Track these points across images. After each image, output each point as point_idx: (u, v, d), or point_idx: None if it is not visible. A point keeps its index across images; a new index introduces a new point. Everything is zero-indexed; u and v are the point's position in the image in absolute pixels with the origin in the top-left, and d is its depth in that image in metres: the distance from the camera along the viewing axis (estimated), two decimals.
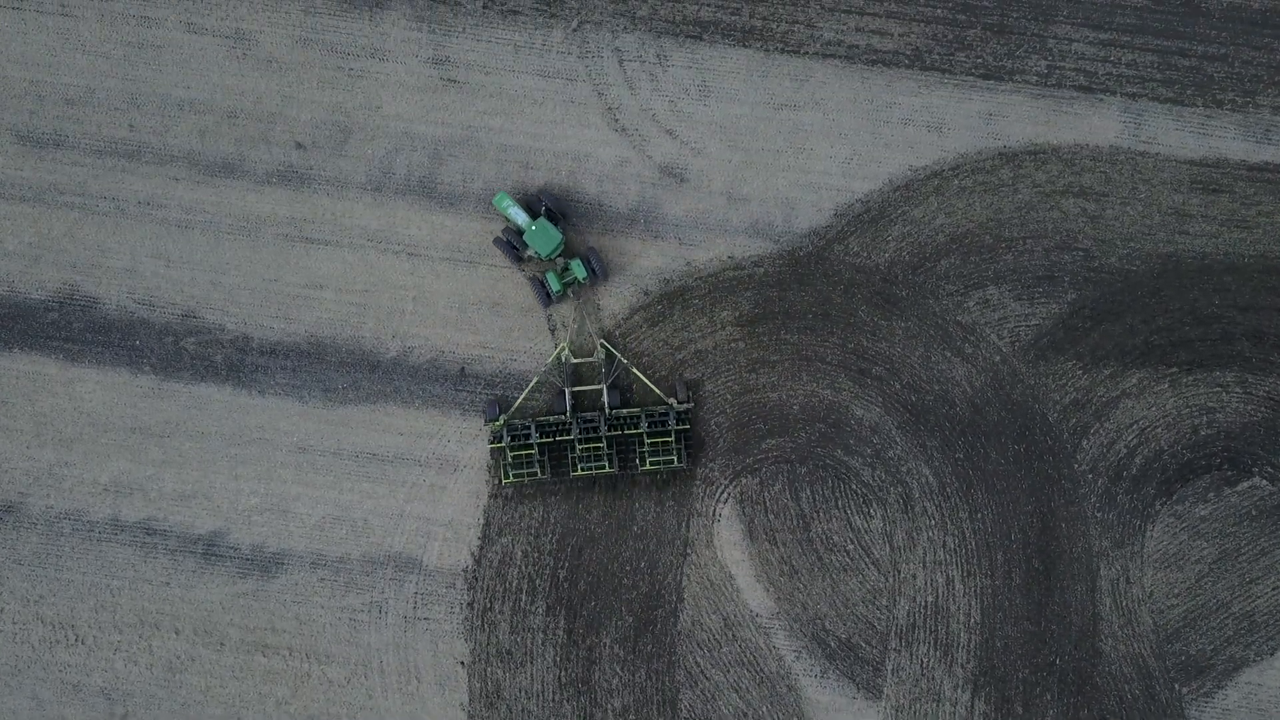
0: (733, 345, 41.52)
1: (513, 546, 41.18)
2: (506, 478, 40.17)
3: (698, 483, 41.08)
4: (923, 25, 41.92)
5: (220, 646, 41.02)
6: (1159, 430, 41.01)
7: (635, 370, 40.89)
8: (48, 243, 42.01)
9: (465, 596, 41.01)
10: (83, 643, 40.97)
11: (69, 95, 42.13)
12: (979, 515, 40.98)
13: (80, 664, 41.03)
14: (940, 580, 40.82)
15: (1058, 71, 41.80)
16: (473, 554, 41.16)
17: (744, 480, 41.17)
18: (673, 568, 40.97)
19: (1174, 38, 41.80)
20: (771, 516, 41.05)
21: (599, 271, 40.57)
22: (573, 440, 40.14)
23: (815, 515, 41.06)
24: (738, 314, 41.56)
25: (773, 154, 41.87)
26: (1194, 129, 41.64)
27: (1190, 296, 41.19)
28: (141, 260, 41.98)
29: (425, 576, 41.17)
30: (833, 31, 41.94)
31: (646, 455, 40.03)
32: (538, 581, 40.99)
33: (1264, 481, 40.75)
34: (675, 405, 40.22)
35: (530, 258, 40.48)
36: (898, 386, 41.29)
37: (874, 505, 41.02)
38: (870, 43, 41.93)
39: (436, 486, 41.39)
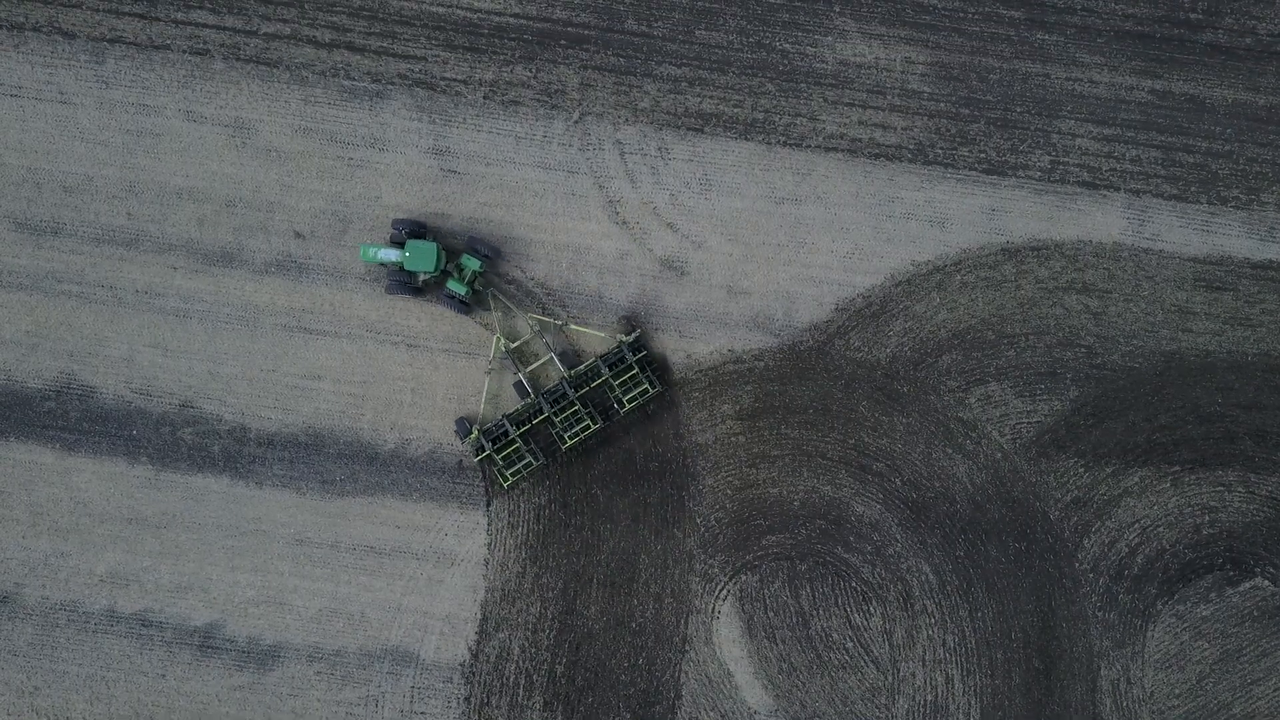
0: (733, 439, 41.30)
1: (510, 641, 40.98)
2: (505, 480, 40.10)
3: (696, 579, 40.88)
4: (926, 119, 41.70)
5: None
6: (1161, 529, 40.79)
7: (573, 325, 40.80)
8: (45, 331, 41.80)
9: (462, 691, 40.82)
10: None
11: (67, 183, 41.91)
12: (979, 613, 40.76)
13: None
14: (940, 679, 40.60)
15: (1061, 167, 41.57)
16: (470, 648, 40.96)
17: (744, 577, 40.96)
18: (671, 664, 40.76)
19: (1178, 134, 41.58)
20: (771, 613, 40.84)
21: (490, 253, 40.30)
22: (548, 416, 40.04)
23: (815, 612, 40.84)
24: (738, 408, 41.34)
25: (774, 248, 41.65)
26: (1198, 226, 41.41)
27: (1193, 395, 40.96)
28: (139, 349, 41.77)
29: (422, 670, 40.97)
30: (835, 125, 41.72)
31: (621, 396, 40.00)
32: (535, 677, 40.80)
33: (1266, 582, 40.54)
34: (625, 339, 40.10)
35: (452, 294, 40.04)
36: (898, 483, 41.08)
37: (874, 603, 40.80)
38: (873, 136, 41.70)
39: (434, 580, 41.20)
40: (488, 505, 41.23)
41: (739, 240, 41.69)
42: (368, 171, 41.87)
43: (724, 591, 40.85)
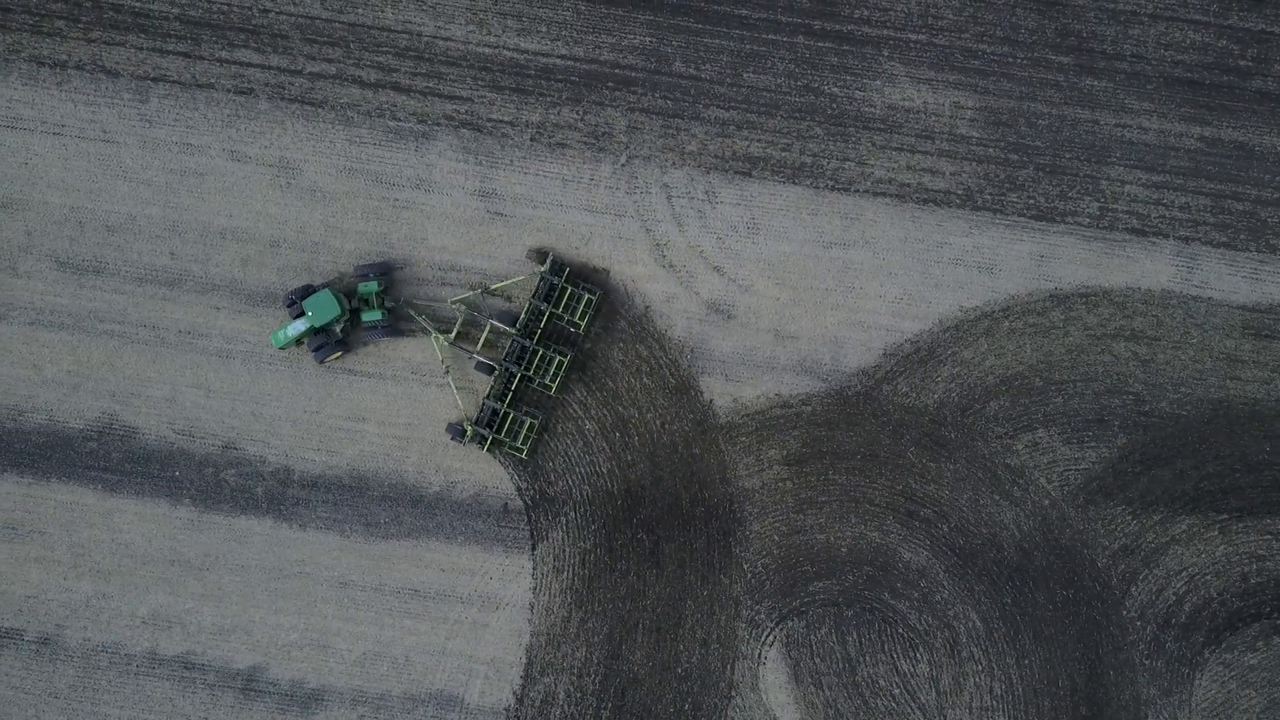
0: (780, 485, 41.16)
1: (556, 686, 40.81)
2: (522, 451, 40.46)
3: (743, 625, 40.75)
4: (975, 164, 41.58)
5: None
6: (1208, 577, 40.74)
7: (493, 286, 40.71)
8: (87, 371, 41.53)
9: None
10: None
11: (110, 222, 41.63)
12: (1026, 661, 40.68)
13: None
14: None
15: (1110, 214, 41.48)
16: (515, 693, 40.79)
17: (790, 623, 40.84)
18: (717, 710, 40.62)
19: (1228, 181, 41.51)
20: (817, 660, 40.72)
21: (382, 271, 40.42)
22: (521, 375, 40.41)
23: (861, 659, 40.73)
24: (785, 453, 41.21)
25: (822, 292, 41.51)
26: (1247, 274, 41.34)
27: (1241, 443, 40.90)
28: (182, 390, 41.51)
29: (467, 715, 40.79)
30: (884, 169, 41.58)
31: (571, 318, 40.35)
32: None
33: None
34: (543, 270, 40.32)
35: (371, 324, 40.24)
36: (946, 529, 40.98)
37: (920, 649, 40.70)
38: (922, 181, 41.57)
39: (479, 624, 41.02)
40: (533, 549, 41.07)
41: (786, 284, 41.54)
42: (413, 213, 41.64)
43: (770, 637, 40.72)
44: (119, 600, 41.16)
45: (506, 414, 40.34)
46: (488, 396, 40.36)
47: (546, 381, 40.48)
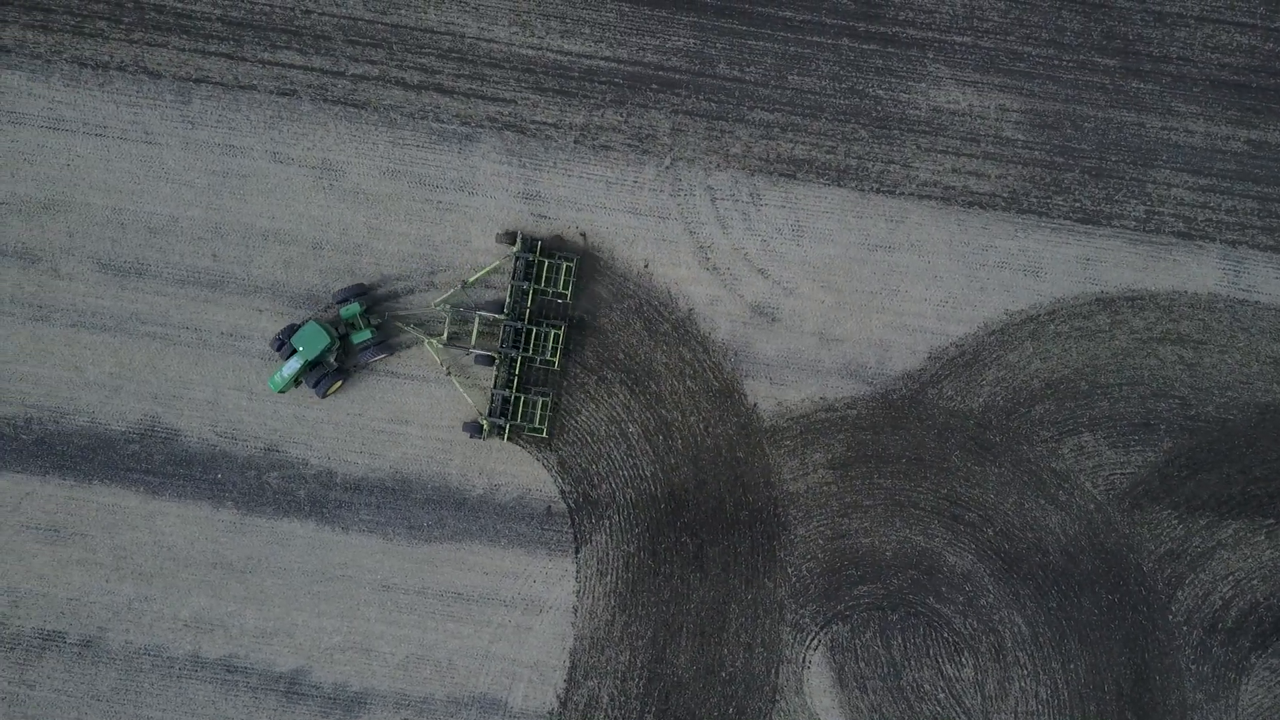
0: (825, 489, 41.06)
1: (599, 690, 40.73)
2: (542, 432, 40.40)
3: (787, 628, 40.65)
4: (1020, 167, 41.44)
5: None
6: (1255, 582, 40.62)
7: (471, 279, 40.57)
8: (129, 373, 41.44)
9: None
10: None
11: (152, 224, 41.54)
12: (1072, 665, 40.58)
13: None
14: None
15: (1156, 217, 41.34)
16: (559, 697, 40.71)
17: (835, 627, 40.74)
18: (761, 715, 40.53)
19: (1275, 184, 41.36)
20: (862, 664, 40.62)
21: (358, 292, 40.25)
22: (521, 358, 40.41)
23: (907, 663, 40.63)
24: (830, 456, 41.10)
25: (867, 295, 41.39)
26: None
27: None
28: (224, 392, 41.42)
29: (510, 719, 40.70)
30: (929, 172, 41.45)
31: (557, 290, 40.26)
32: None
33: None
34: (515, 250, 40.28)
35: (363, 345, 40.29)
36: (991, 534, 40.86)
37: (966, 654, 40.60)
38: (967, 184, 41.44)
39: (522, 627, 40.93)
40: (577, 552, 40.98)
41: (831, 287, 41.42)
42: (457, 215, 41.53)
43: (815, 641, 40.62)
44: (161, 603, 41.09)
45: (517, 399, 40.16)
46: (495, 386, 40.27)
47: (548, 358, 40.43)
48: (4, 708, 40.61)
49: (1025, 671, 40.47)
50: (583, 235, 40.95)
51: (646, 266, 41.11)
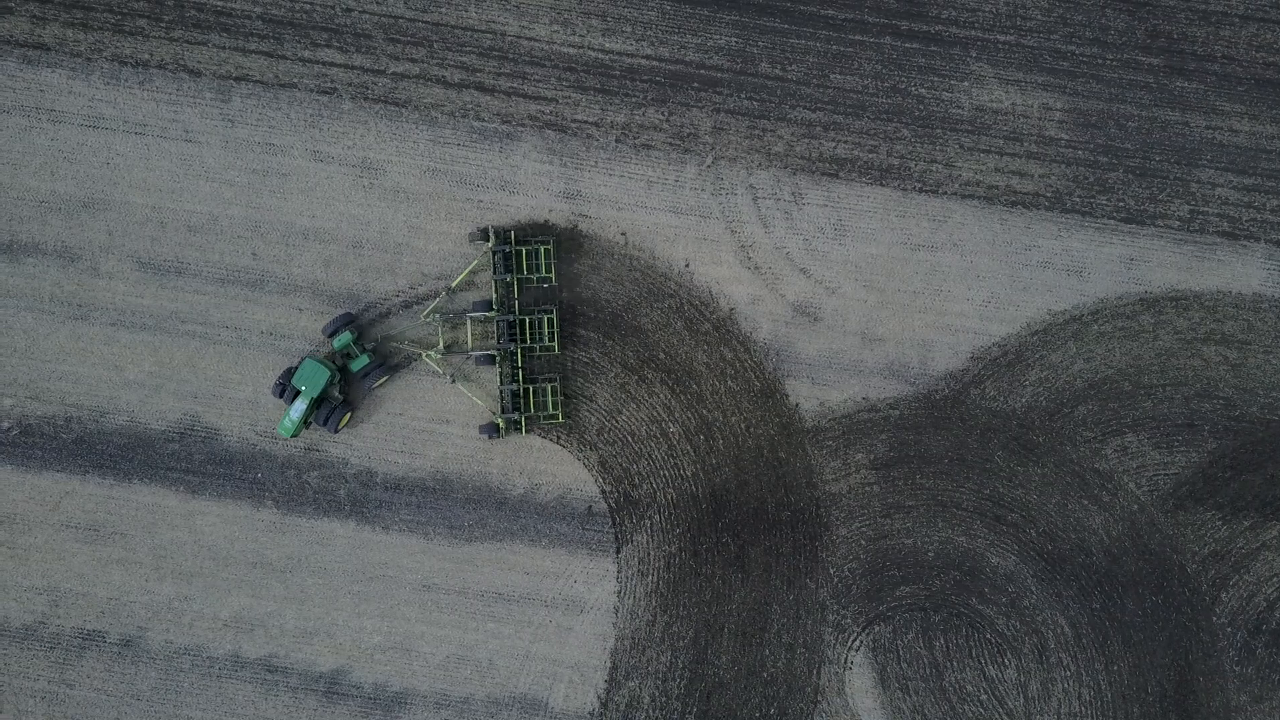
0: (867, 489, 40.92)
1: (640, 690, 40.63)
2: (559, 417, 40.45)
3: (829, 629, 40.53)
4: (1063, 167, 41.27)
5: None
6: None
7: (455, 288, 40.63)
8: (168, 372, 41.35)
9: None
10: None
11: (192, 222, 41.42)
12: (1115, 667, 40.44)
13: None
14: None
15: (1201, 216, 41.17)
16: (599, 697, 40.61)
17: (877, 628, 40.61)
18: (803, 716, 40.42)
19: None
20: (904, 665, 40.50)
21: (346, 320, 40.19)
22: (521, 350, 40.38)
23: (949, 664, 40.51)
24: (872, 457, 40.97)
25: (909, 295, 41.23)
26: None
27: None
28: (264, 392, 41.31)
29: (551, 719, 40.60)
30: (972, 171, 41.28)
31: (540, 276, 40.24)
32: None
33: None
34: (490, 245, 40.27)
35: (364, 370, 40.29)
36: (1033, 534, 40.72)
37: (1008, 655, 40.47)
38: (1010, 184, 41.28)
39: (563, 627, 40.82)
40: (617, 552, 40.88)
41: (874, 287, 41.27)
42: (498, 214, 41.40)
43: (857, 642, 40.50)
44: (201, 602, 41.01)
45: (526, 390, 40.20)
46: (501, 383, 40.23)
47: (546, 344, 40.43)
48: (44, 707, 40.56)
49: (1068, 673, 40.34)
50: (623, 234, 40.80)
51: (688, 265, 41.00)
